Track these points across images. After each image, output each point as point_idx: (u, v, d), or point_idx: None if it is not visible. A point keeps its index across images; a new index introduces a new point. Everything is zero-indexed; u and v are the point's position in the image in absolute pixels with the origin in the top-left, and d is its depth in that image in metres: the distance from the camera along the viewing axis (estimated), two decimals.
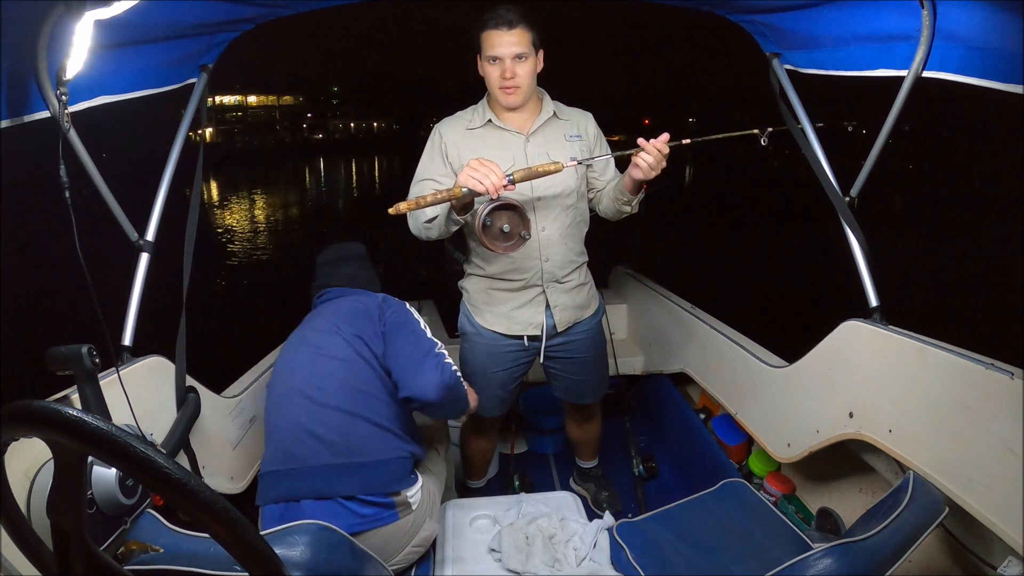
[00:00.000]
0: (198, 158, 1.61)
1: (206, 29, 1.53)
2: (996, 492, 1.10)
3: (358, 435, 1.30)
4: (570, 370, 1.81)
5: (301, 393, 1.32)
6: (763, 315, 4.55)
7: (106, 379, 1.11)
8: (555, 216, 1.60)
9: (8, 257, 6.29)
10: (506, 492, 2.18)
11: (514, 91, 1.51)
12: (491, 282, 1.68)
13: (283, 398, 1.35)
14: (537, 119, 1.60)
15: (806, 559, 0.98)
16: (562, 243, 1.63)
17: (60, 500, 0.57)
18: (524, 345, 1.71)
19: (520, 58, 1.48)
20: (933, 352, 1.26)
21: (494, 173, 1.28)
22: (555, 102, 1.65)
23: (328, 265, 1.60)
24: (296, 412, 1.31)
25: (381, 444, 1.32)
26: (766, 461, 1.97)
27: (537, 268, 1.62)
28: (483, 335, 1.72)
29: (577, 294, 1.71)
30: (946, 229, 9.06)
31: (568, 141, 1.61)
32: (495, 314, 1.69)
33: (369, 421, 1.31)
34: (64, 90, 1.14)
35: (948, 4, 1.23)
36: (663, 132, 1.35)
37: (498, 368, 1.75)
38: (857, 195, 1.57)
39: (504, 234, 1.39)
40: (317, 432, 1.29)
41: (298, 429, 1.30)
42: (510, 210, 1.38)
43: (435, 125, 1.63)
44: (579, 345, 1.76)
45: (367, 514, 1.27)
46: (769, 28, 1.69)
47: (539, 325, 1.68)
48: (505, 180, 1.30)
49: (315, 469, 1.27)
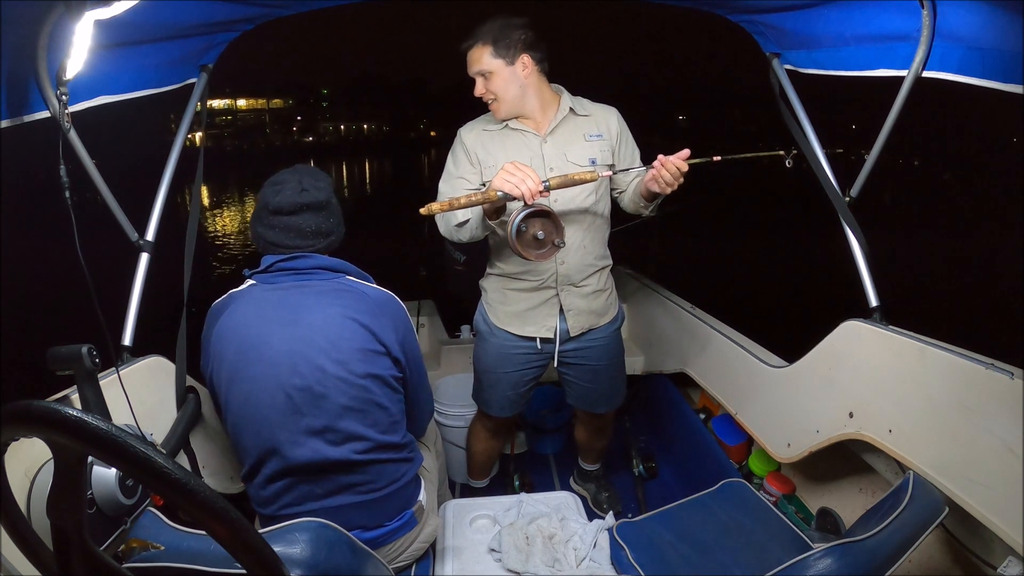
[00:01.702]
0: (198, 158, 1.61)
1: (206, 29, 1.53)
2: (996, 492, 1.10)
3: (376, 471, 1.24)
4: (584, 377, 1.78)
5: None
6: (762, 315, 4.55)
7: (106, 379, 1.11)
8: (572, 219, 1.57)
9: (8, 257, 6.29)
10: (506, 492, 2.18)
11: (495, 105, 1.53)
12: (507, 281, 1.66)
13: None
14: (553, 119, 1.58)
15: (806, 559, 0.98)
16: (580, 247, 1.60)
17: (60, 500, 0.57)
18: (537, 348, 1.69)
19: (484, 75, 1.51)
20: (933, 352, 1.26)
21: (530, 178, 1.27)
22: (577, 98, 1.62)
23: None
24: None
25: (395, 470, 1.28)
26: (766, 461, 1.97)
27: (552, 271, 1.60)
28: (496, 334, 1.71)
29: (594, 300, 1.68)
30: (935, 225, 9.04)
31: (588, 141, 1.58)
32: (508, 314, 1.68)
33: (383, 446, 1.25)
34: (64, 90, 1.14)
35: (948, 4, 1.23)
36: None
37: (509, 369, 1.73)
38: (857, 195, 1.57)
39: (537, 241, 1.36)
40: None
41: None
42: (544, 217, 1.35)
43: (459, 130, 1.63)
44: (594, 352, 1.74)
45: (394, 527, 1.28)
46: (769, 28, 1.69)
47: (552, 328, 1.66)
48: (541, 186, 1.28)
49: (332, 510, 1.20)
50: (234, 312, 1.18)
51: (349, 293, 1.20)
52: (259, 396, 1.15)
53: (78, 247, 1.05)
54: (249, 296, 1.20)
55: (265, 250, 1.23)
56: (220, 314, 1.20)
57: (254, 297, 1.19)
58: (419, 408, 1.38)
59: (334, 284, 1.20)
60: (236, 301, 1.20)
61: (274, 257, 1.21)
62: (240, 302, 1.19)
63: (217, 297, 1.23)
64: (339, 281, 1.22)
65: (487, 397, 1.80)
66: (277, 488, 1.21)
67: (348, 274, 1.24)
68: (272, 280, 1.20)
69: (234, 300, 1.20)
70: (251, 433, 1.18)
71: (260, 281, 1.21)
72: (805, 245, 8.38)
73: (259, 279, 1.22)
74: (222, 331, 1.18)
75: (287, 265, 1.20)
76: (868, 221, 1.55)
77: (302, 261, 1.20)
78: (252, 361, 1.15)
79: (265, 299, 1.18)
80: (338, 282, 1.21)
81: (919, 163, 26.36)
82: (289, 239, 1.21)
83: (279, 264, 1.20)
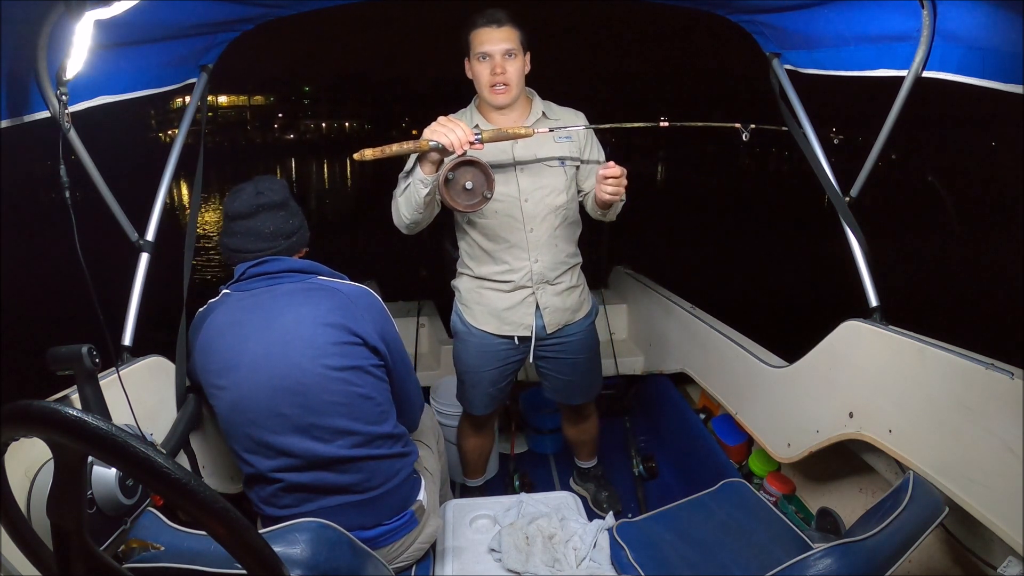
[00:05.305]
0: (198, 159, 1.61)
1: (206, 29, 1.53)
2: (996, 492, 1.10)
3: (371, 468, 1.24)
4: (561, 371, 1.81)
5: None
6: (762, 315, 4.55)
7: (106, 379, 1.11)
8: (543, 217, 1.60)
9: (8, 257, 6.28)
10: (506, 492, 2.18)
11: (504, 89, 1.52)
12: (482, 283, 1.69)
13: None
14: (526, 120, 1.60)
15: (806, 559, 0.98)
16: (552, 244, 1.63)
17: (60, 500, 0.57)
18: (515, 344, 1.73)
19: (510, 55, 1.50)
20: (933, 352, 1.26)
21: (460, 128, 1.29)
22: (546, 101, 1.65)
23: None
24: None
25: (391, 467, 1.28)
26: (766, 461, 1.97)
27: (527, 269, 1.63)
28: (474, 334, 1.73)
29: (568, 296, 1.71)
30: (920, 225, 9.00)
31: (558, 142, 1.61)
32: (485, 314, 1.70)
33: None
34: (64, 90, 1.14)
35: (948, 4, 1.23)
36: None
37: (489, 367, 1.76)
38: (857, 195, 1.57)
39: (467, 191, 1.37)
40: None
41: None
42: (474, 167, 1.36)
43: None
44: (570, 347, 1.77)
45: (394, 527, 1.28)
46: (769, 28, 1.69)
47: (529, 327, 1.69)
48: (472, 136, 1.31)
49: (330, 509, 1.21)
50: (212, 323, 1.20)
51: (320, 291, 1.22)
52: (244, 402, 1.17)
53: (78, 247, 1.05)
54: (224, 306, 1.22)
55: (231, 259, 1.26)
56: (200, 325, 1.23)
57: (229, 306, 1.21)
58: (408, 400, 1.39)
59: (305, 284, 1.22)
60: (214, 311, 1.22)
61: (244, 265, 1.24)
62: (216, 312, 1.22)
63: (199, 295, 1.24)
64: (310, 281, 1.23)
65: (470, 396, 1.83)
66: (274, 489, 1.22)
67: (319, 274, 1.26)
68: (245, 287, 1.23)
69: (212, 310, 1.22)
70: (242, 437, 1.20)
71: (235, 290, 1.23)
72: (805, 245, 8.40)
73: (234, 288, 1.24)
74: (203, 343, 1.21)
75: (257, 271, 1.22)
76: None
77: (271, 265, 1.23)
78: (232, 368, 1.17)
79: (239, 307, 1.20)
80: (309, 282, 1.23)
81: (896, 157, 26.31)
82: (250, 243, 1.23)
83: (250, 271, 1.23)
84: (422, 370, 2.58)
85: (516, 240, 1.61)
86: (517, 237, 1.61)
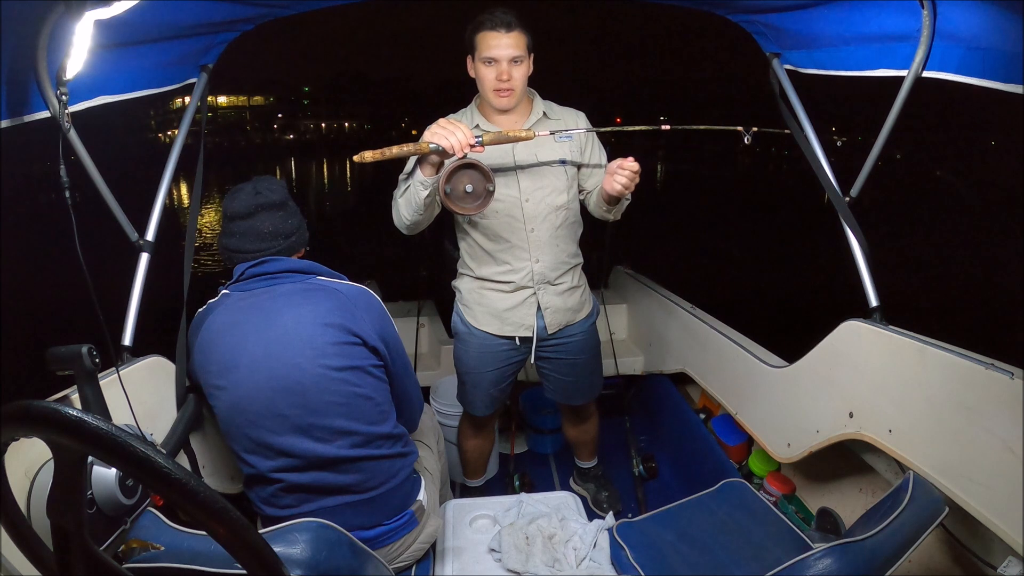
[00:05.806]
0: (198, 159, 1.61)
1: (206, 29, 1.52)
2: (996, 492, 1.10)
3: (371, 468, 1.24)
4: (561, 371, 1.81)
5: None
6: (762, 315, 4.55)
7: (106, 379, 1.11)
8: (544, 217, 1.60)
9: (8, 257, 6.29)
10: (506, 492, 2.18)
11: (508, 94, 1.52)
12: (482, 283, 1.69)
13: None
14: (527, 121, 1.60)
15: (806, 559, 0.98)
16: (553, 244, 1.63)
17: (60, 500, 0.57)
18: (516, 345, 1.72)
19: (516, 61, 1.49)
20: (933, 352, 1.26)
21: (460, 131, 1.28)
22: (546, 102, 1.65)
23: None
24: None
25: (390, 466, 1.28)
26: (766, 461, 1.97)
27: (528, 269, 1.63)
28: (475, 335, 1.73)
29: (569, 297, 1.71)
30: (916, 223, 9.01)
31: (558, 142, 1.61)
32: (486, 314, 1.70)
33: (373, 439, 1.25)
34: (64, 90, 1.14)
35: (948, 4, 1.23)
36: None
37: (490, 368, 1.75)
38: (857, 195, 1.57)
39: (469, 194, 1.37)
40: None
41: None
42: (470, 169, 1.36)
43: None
44: (571, 347, 1.77)
45: (394, 527, 1.28)
46: (769, 28, 1.69)
47: (530, 327, 1.69)
48: (473, 139, 1.30)
49: (330, 510, 1.21)
50: (211, 324, 1.20)
51: (319, 291, 1.21)
52: (243, 403, 1.17)
53: (78, 247, 1.05)
54: (223, 306, 1.21)
55: (230, 260, 1.26)
56: (200, 325, 1.22)
57: (228, 306, 1.21)
58: (408, 401, 1.38)
59: (304, 284, 1.22)
60: (213, 312, 1.22)
61: (243, 265, 1.23)
62: (216, 312, 1.21)
63: (198, 295, 1.24)
64: (309, 281, 1.23)
65: (471, 397, 1.83)
66: (274, 489, 1.22)
67: (319, 274, 1.26)
68: (245, 288, 1.22)
69: (211, 311, 1.22)
70: (241, 437, 1.20)
71: (234, 291, 1.23)
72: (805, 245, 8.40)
73: (233, 289, 1.23)
74: (202, 343, 1.20)
75: (256, 271, 1.22)
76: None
77: (270, 265, 1.22)
78: (231, 368, 1.16)
79: (238, 307, 1.20)
80: (308, 282, 1.23)
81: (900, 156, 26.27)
82: (249, 243, 1.23)
83: (249, 271, 1.22)
84: (422, 370, 2.58)
85: (517, 240, 1.61)
86: (518, 237, 1.61)
